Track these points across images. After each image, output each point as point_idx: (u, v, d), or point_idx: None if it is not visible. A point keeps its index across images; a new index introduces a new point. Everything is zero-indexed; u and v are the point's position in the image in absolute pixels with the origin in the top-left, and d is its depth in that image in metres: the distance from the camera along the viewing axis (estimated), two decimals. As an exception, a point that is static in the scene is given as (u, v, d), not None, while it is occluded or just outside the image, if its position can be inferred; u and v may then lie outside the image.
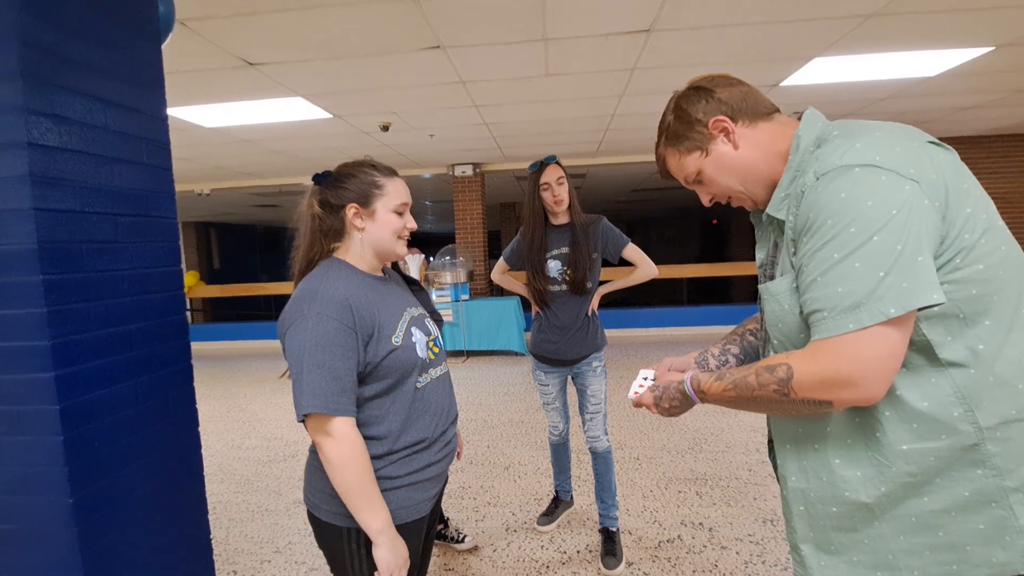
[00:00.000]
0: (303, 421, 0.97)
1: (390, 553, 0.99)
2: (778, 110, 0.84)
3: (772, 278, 0.84)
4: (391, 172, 1.12)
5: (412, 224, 1.13)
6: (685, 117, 0.84)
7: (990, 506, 0.68)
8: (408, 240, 1.15)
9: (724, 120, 0.82)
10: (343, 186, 1.07)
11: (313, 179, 1.10)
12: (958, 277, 0.67)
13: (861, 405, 0.70)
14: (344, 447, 0.96)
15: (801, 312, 0.74)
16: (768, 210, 0.80)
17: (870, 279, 0.65)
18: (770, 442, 0.99)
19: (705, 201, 0.92)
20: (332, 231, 1.09)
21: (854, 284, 0.66)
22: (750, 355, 1.02)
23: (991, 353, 0.68)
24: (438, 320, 2.15)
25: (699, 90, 0.84)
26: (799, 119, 0.81)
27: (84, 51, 1.21)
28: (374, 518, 0.98)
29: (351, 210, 1.07)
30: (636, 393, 0.97)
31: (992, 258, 0.68)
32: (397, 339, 1.05)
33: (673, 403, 0.89)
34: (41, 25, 1.11)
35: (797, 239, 0.74)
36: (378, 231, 1.09)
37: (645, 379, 1.01)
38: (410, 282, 2.19)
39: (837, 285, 0.67)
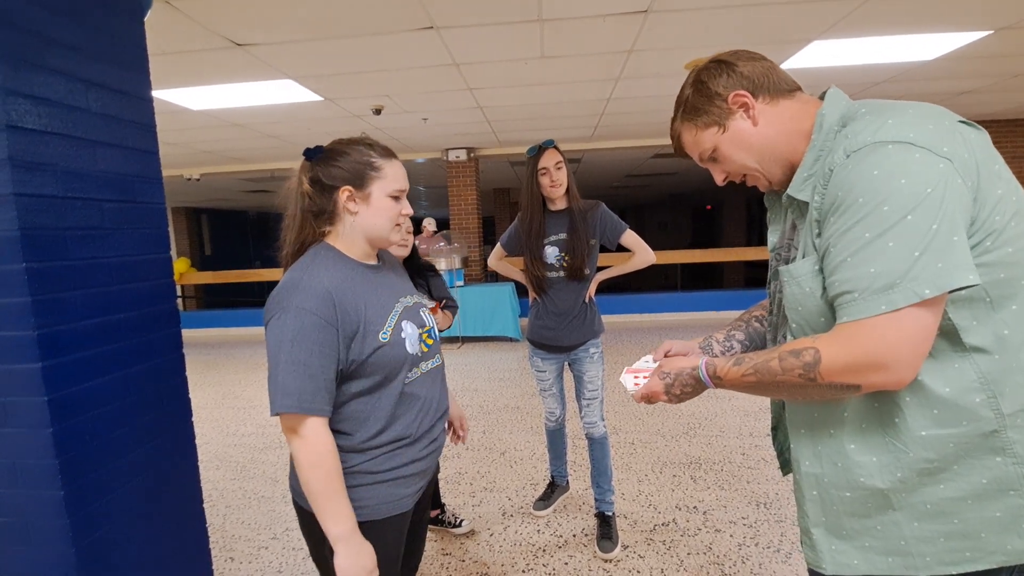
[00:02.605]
0: (277, 415, 0.93)
1: (348, 561, 0.93)
2: (800, 88, 0.81)
3: (788, 261, 0.82)
4: (389, 153, 1.03)
5: (408, 210, 1.06)
6: (704, 90, 0.81)
7: (1008, 494, 0.67)
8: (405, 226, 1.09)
9: (744, 95, 0.79)
10: (336, 164, 0.99)
11: (304, 154, 1.03)
12: (987, 260, 0.66)
13: (890, 389, 0.69)
14: (312, 448, 0.92)
15: (824, 294, 0.72)
16: (789, 191, 0.78)
17: (904, 259, 0.63)
18: (774, 428, 0.97)
19: (718, 179, 0.89)
20: (324, 213, 1.02)
21: (887, 264, 0.64)
22: (755, 342, 1.01)
23: (1017, 339, 0.67)
24: (453, 307, 2.10)
25: (721, 63, 0.81)
26: (821, 98, 0.78)
27: (63, 29, 1.17)
28: (334, 524, 0.93)
29: (344, 193, 0.99)
30: (636, 384, 0.93)
31: (1021, 241, 0.67)
32: (385, 335, 0.99)
33: (685, 389, 0.87)
34: (17, 2, 1.06)
35: (823, 219, 0.71)
36: (372, 217, 1.01)
37: (637, 374, 0.96)
38: (427, 267, 2.12)
39: (869, 265, 0.65)
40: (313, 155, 1.02)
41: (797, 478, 0.84)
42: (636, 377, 0.96)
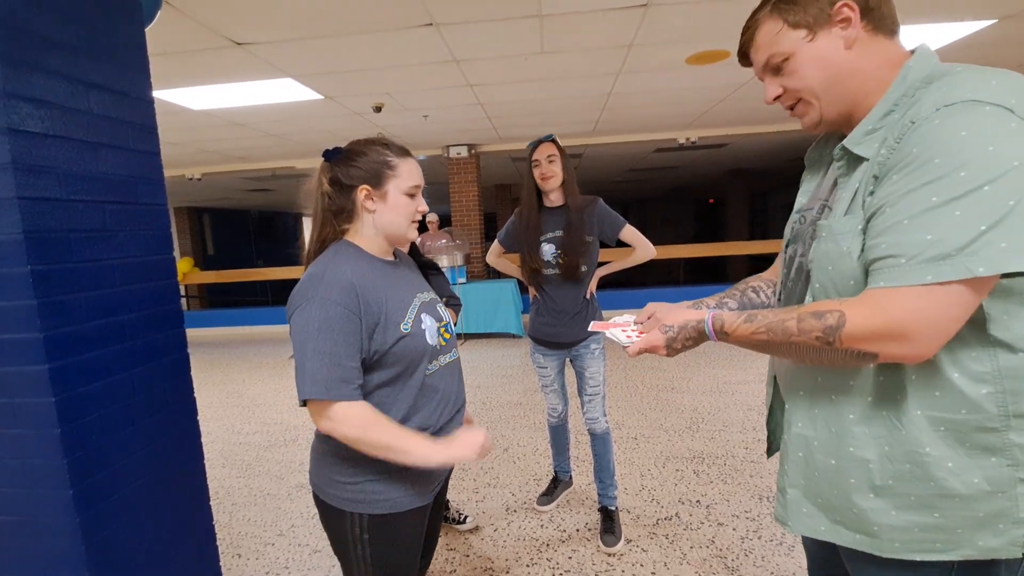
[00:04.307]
0: (303, 405, 0.96)
1: (457, 454, 0.98)
2: (898, 34, 0.74)
3: (815, 223, 0.78)
4: (404, 152, 1.07)
5: (423, 207, 1.09)
6: None
7: (996, 496, 0.66)
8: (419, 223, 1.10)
9: (853, 8, 0.70)
10: (354, 164, 1.03)
11: (323, 155, 1.07)
12: None
13: (904, 362, 0.66)
14: (347, 427, 0.95)
15: (861, 256, 0.67)
16: (846, 143, 0.72)
17: (968, 231, 0.58)
18: (771, 407, 0.96)
19: (770, 96, 0.80)
20: (343, 211, 1.05)
21: (948, 233, 0.59)
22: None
23: None
24: (456, 305, 2.12)
25: None
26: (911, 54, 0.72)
27: (63, 31, 1.17)
28: (419, 457, 0.96)
29: (362, 192, 1.03)
30: (629, 338, 0.90)
31: None
32: (406, 326, 1.02)
33: (687, 343, 0.84)
34: (17, 3, 1.06)
35: (883, 176, 0.66)
36: (389, 214, 1.05)
37: (626, 328, 0.93)
38: (429, 265, 2.13)
39: (927, 231, 0.60)
40: (332, 156, 1.06)
41: (785, 439, 0.82)
42: (625, 331, 0.92)
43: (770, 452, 1.00)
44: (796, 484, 0.80)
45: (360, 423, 0.95)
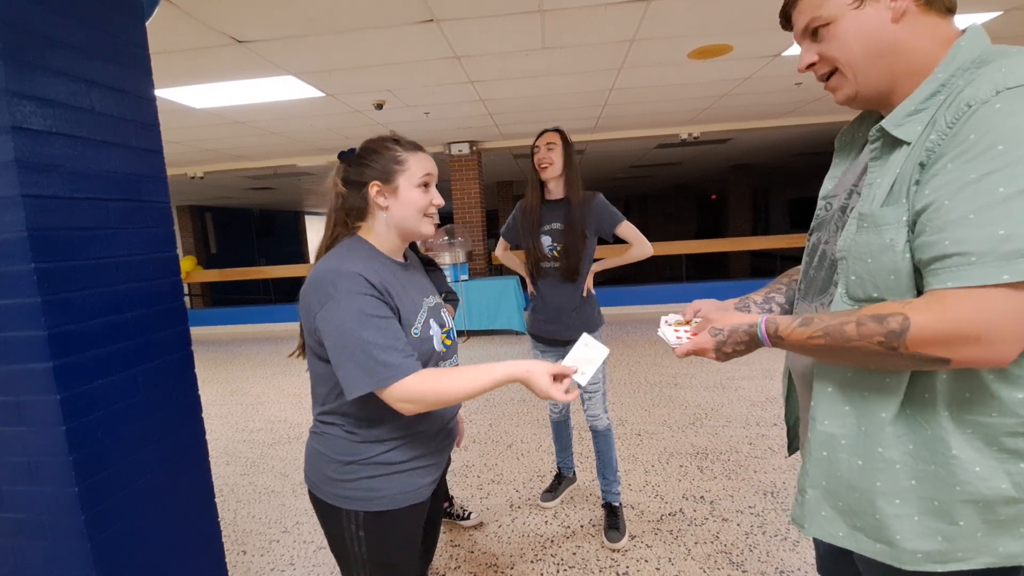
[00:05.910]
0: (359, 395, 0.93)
1: (539, 384, 0.92)
2: (953, 16, 0.71)
3: (844, 209, 0.75)
4: (414, 146, 1.07)
5: (438, 199, 1.08)
6: None
7: (1021, 502, 0.64)
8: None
9: None
10: (365, 163, 1.05)
11: (338, 156, 1.09)
12: None
13: (982, 367, 0.62)
14: (425, 395, 0.92)
15: (905, 249, 0.64)
16: (885, 124, 0.68)
17: None
18: (787, 398, 0.93)
19: (804, 63, 0.76)
20: (356, 210, 1.07)
21: (1023, 227, 0.55)
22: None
23: None
24: (453, 300, 2.11)
25: None
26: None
27: (64, 29, 1.17)
28: (503, 379, 0.94)
29: (373, 188, 1.04)
30: (679, 339, 0.88)
31: None
32: (416, 331, 1.03)
33: (737, 347, 0.80)
34: (19, 2, 1.06)
35: (931, 164, 0.62)
36: (402, 209, 1.05)
37: (678, 328, 0.91)
38: (426, 262, 2.14)
39: (998, 226, 0.56)
40: (347, 156, 1.08)
41: (809, 436, 0.79)
42: (676, 331, 0.91)
43: (791, 449, 0.97)
44: (816, 485, 0.76)
45: (432, 388, 0.93)
